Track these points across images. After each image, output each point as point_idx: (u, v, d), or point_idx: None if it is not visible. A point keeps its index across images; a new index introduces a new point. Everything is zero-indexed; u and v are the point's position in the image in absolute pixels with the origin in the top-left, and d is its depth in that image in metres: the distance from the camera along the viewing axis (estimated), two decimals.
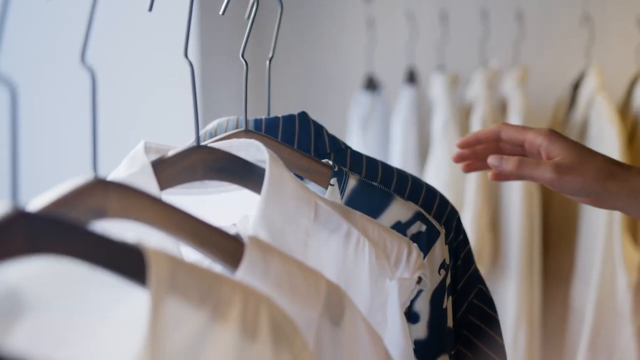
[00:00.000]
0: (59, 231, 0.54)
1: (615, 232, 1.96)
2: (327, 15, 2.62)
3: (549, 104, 2.35)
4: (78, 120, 1.89)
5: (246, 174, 0.81)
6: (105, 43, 1.18)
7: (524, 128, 0.99)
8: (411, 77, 2.40)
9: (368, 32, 2.45)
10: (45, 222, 0.53)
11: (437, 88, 2.25)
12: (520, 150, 1.01)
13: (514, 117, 2.11)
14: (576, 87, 2.21)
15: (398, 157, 2.29)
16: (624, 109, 2.16)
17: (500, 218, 2.14)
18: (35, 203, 0.58)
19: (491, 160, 0.96)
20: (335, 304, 0.68)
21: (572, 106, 2.21)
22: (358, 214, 0.83)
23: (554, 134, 0.96)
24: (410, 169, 2.21)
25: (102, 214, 0.62)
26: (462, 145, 1.03)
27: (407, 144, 2.31)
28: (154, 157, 0.76)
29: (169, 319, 0.55)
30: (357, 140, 2.36)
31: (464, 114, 2.26)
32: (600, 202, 0.98)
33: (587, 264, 2.05)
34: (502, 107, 2.23)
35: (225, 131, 0.94)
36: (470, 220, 2.07)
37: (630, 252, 1.98)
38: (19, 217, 0.52)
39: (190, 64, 0.76)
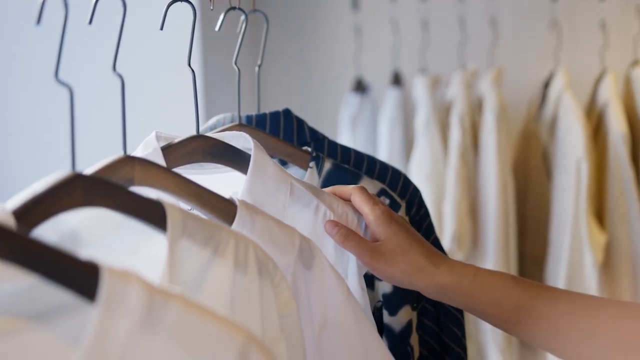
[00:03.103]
0: (104, 189, 0.70)
1: (582, 217, 2.07)
2: (318, 25, 2.68)
3: (522, 101, 2.44)
4: (100, 119, 2.04)
5: (235, 158, 0.94)
6: (122, 54, 1.34)
7: (368, 200, 0.93)
8: (396, 80, 2.48)
9: (356, 39, 2.53)
10: (96, 182, 0.70)
11: (419, 89, 2.34)
12: None
13: (490, 114, 2.20)
14: (546, 86, 2.32)
15: (385, 153, 2.36)
16: (590, 105, 2.27)
17: (478, 207, 2.23)
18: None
19: (327, 227, 0.91)
20: (306, 252, 0.83)
21: (542, 103, 2.32)
22: (325, 193, 0.96)
23: (383, 217, 0.92)
24: (396, 163, 2.30)
25: (130, 182, 0.79)
26: None
27: (393, 140, 2.39)
28: (163, 143, 0.91)
29: (182, 255, 0.71)
30: (348, 138, 2.43)
31: (444, 112, 2.35)
32: (422, 292, 0.93)
33: (558, 246, 2.16)
34: (479, 105, 2.30)
35: (223, 125, 1.11)
36: (450, 209, 2.17)
37: (596, 235, 2.10)
38: (77, 178, 0.69)
39: (192, 71, 0.91)
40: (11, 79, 2.28)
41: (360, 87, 2.52)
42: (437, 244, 1.20)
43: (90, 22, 0.78)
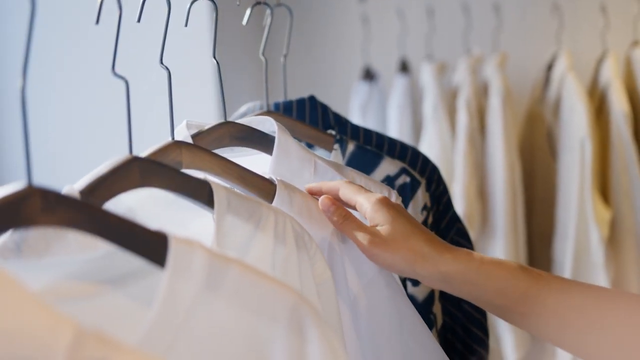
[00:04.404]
0: (159, 171, 0.77)
1: (587, 195, 2.10)
2: (327, 16, 2.72)
3: (526, 84, 2.47)
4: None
5: (261, 141, 0.99)
6: (136, 52, 1.34)
7: (358, 190, 0.90)
8: (403, 67, 2.52)
9: (363, 28, 2.56)
10: (151, 165, 0.77)
11: (426, 75, 2.37)
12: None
13: (496, 98, 2.24)
14: (549, 68, 2.35)
15: (395, 138, 2.41)
16: (592, 86, 2.30)
17: (486, 188, 2.27)
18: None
19: (323, 205, 0.88)
20: None
21: (546, 85, 2.35)
22: (348, 169, 1.00)
23: (381, 203, 0.87)
24: None
25: (179, 164, 0.85)
26: (310, 192, 0.93)
27: (402, 126, 2.43)
28: (194, 131, 0.96)
29: (227, 229, 0.77)
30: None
31: (451, 97, 2.38)
32: (422, 281, 0.90)
33: (565, 223, 2.19)
34: (484, 90, 2.34)
35: (253, 112, 1.16)
36: (459, 191, 2.20)
37: (601, 211, 2.13)
38: (135, 161, 0.76)
39: (217, 63, 0.97)
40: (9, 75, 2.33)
41: (369, 75, 2.55)
42: (456, 217, 1.27)
43: (139, 20, 0.84)
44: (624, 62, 2.31)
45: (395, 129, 2.44)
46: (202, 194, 0.79)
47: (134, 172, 0.76)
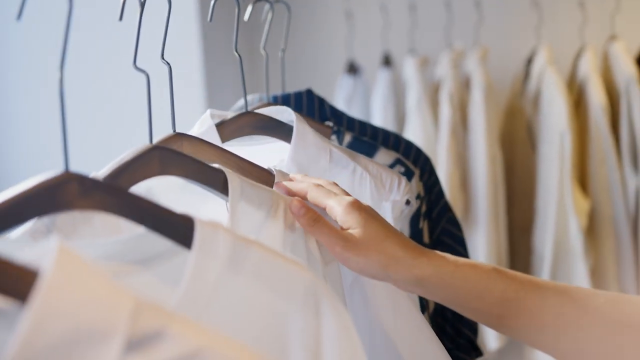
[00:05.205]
0: (177, 160, 0.80)
1: (566, 185, 2.15)
2: (312, 12, 2.73)
3: (507, 78, 2.52)
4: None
5: (280, 130, 1.03)
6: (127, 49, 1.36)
7: (328, 193, 0.87)
8: (387, 61, 2.55)
9: (347, 23, 2.59)
10: (170, 154, 0.80)
11: (409, 69, 2.41)
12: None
13: (477, 91, 2.27)
14: (529, 62, 2.40)
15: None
16: (571, 79, 2.36)
17: (468, 179, 2.31)
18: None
19: (293, 207, 0.84)
20: None
21: (526, 79, 2.40)
22: (361, 156, 1.04)
23: (353, 206, 0.84)
24: None
25: None
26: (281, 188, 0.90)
27: (386, 118, 2.46)
28: (217, 120, 1.00)
29: (241, 215, 0.80)
30: None
31: (433, 90, 2.42)
32: (396, 285, 0.86)
33: (545, 213, 2.24)
34: (466, 83, 2.37)
35: (251, 104, 1.20)
36: (442, 182, 2.18)
37: (580, 202, 2.18)
38: (154, 150, 0.79)
39: (240, 58, 0.99)
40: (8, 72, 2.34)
41: (353, 69, 2.57)
42: (447, 206, 1.31)
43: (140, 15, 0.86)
44: (602, 56, 2.36)
45: (379, 122, 2.45)
46: (217, 181, 0.82)
47: (154, 160, 0.80)
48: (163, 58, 0.89)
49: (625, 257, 2.21)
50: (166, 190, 0.85)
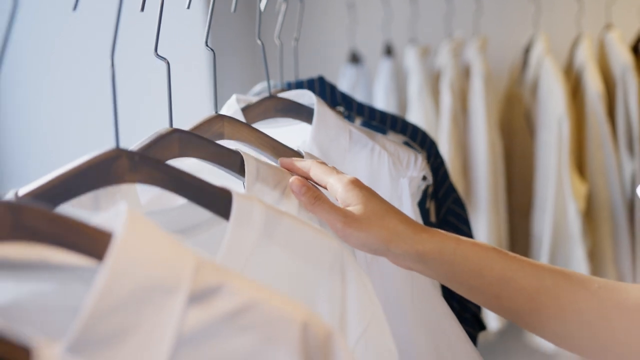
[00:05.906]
0: (196, 142, 0.84)
1: (564, 170, 2.19)
2: (314, 3, 2.73)
3: (505, 66, 2.55)
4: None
5: (302, 112, 1.08)
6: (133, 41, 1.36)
7: (330, 171, 0.88)
8: (388, 51, 2.57)
9: (349, 14, 2.61)
10: (189, 136, 0.84)
11: (410, 59, 2.43)
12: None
13: (477, 80, 2.30)
14: (527, 51, 2.43)
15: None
16: (568, 68, 2.39)
17: (469, 165, 2.34)
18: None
19: (293, 186, 0.86)
20: None
21: (524, 68, 2.43)
22: (379, 135, 1.08)
23: (353, 184, 0.86)
24: None
25: (221, 136, 0.93)
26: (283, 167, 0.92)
27: (388, 107, 2.48)
28: (242, 105, 1.05)
29: (257, 195, 0.81)
30: None
31: (434, 79, 2.44)
32: (394, 262, 0.87)
33: (543, 198, 2.27)
34: (466, 72, 2.40)
35: (261, 93, 1.26)
36: None
37: (578, 185, 2.22)
38: (175, 133, 0.83)
39: (262, 45, 1.05)
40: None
41: (355, 59, 2.60)
42: (452, 187, 1.36)
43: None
44: (598, 44, 2.40)
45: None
46: (235, 163, 0.86)
47: (174, 143, 0.83)
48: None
49: (622, 239, 2.24)
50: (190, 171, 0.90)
